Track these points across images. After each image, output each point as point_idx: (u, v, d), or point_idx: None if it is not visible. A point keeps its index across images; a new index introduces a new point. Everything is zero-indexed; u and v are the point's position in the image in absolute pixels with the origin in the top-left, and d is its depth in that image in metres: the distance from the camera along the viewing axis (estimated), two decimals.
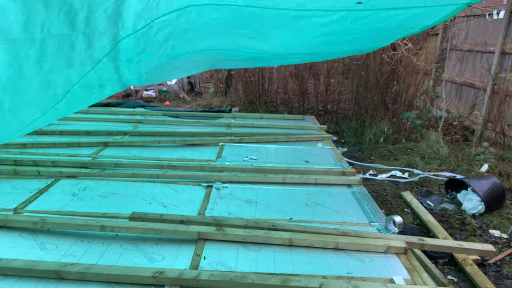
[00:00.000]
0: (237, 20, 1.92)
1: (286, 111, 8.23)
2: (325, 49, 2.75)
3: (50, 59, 1.25)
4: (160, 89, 9.41)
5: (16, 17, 1.06)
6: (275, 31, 2.11)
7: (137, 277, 2.13)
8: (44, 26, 1.15)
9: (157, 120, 5.86)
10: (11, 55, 1.11)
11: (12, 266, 2.17)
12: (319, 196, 3.41)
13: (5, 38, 1.06)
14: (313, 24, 2.11)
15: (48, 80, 1.31)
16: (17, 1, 1.03)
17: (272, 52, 2.46)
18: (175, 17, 1.60)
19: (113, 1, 1.35)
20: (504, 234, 3.49)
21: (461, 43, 7.14)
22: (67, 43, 1.30)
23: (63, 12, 1.20)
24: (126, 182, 3.54)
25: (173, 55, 1.94)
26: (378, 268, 2.39)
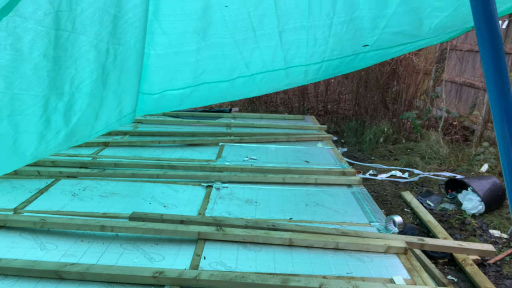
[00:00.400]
0: (249, 85, 2.04)
1: (286, 111, 8.23)
2: (333, 75, 2.85)
3: (78, 113, 1.31)
4: None
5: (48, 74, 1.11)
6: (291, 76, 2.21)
7: (137, 277, 2.13)
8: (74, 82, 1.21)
9: (157, 120, 5.86)
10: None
11: (12, 266, 2.17)
12: (319, 196, 3.41)
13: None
14: (322, 68, 2.17)
15: (73, 131, 1.36)
16: (50, 60, 1.06)
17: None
18: (189, 92, 1.83)
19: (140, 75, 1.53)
20: (504, 234, 3.49)
21: (461, 43, 7.14)
22: (98, 100, 1.37)
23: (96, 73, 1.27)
24: (126, 182, 3.54)
25: (181, 104, 2.09)
26: (378, 268, 2.39)
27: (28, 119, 1.13)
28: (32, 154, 1.24)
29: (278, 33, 1.76)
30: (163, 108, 2.07)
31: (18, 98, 1.06)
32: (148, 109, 2.00)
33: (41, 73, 1.07)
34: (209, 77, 1.90)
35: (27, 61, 1.02)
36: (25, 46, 0.99)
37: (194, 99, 2.04)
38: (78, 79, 1.23)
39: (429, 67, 7.07)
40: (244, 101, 8.53)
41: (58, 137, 1.30)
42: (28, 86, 1.07)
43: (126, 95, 1.60)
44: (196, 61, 1.76)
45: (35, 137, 1.20)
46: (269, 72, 2.03)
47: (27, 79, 1.05)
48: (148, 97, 1.89)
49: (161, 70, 1.77)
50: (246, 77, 2.00)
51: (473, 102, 6.63)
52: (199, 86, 1.92)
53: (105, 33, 1.22)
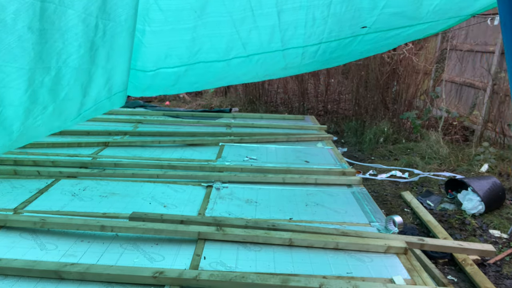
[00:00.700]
0: (245, 66, 2.02)
1: (286, 111, 8.22)
2: (330, 64, 2.83)
3: (66, 88, 1.29)
4: None
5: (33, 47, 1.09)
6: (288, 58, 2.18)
7: (137, 277, 2.13)
8: (60, 57, 1.19)
9: (157, 120, 5.86)
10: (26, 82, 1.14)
11: (12, 266, 2.17)
12: (319, 196, 3.40)
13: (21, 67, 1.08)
14: (319, 50, 2.16)
15: (61, 107, 1.34)
16: (35, 32, 1.05)
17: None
18: (184, 70, 1.79)
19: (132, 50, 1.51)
20: (504, 234, 3.49)
21: (461, 43, 7.14)
22: (86, 76, 1.35)
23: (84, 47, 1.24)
24: (126, 182, 3.54)
25: (176, 83, 2.05)
26: (378, 268, 2.39)
27: (12, 92, 1.11)
28: (19, 129, 1.22)
29: (276, 13, 1.74)
30: (157, 87, 2.04)
31: (2, 70, 1.05)
32: (142, 87, 1.97)
33: (25, 46, 1.05)
34: (205, 56, 1.87)
35: (11, 32, 1.00)
36: (8, 17, 0.98)
37: (189, 78, 2.00)
38: (65, 54, 1.21)
39: (429, 67, 7.07)
40: (244, 101, 8.53)
41: (45, 112, 1.28)
42: (12, 58, 1.05)
43: (116, 71, 1.57)
44: (192, 39, 1.74)
45: (21, 111, 1.18)
46: (266, 53, 2.01)
47: (11, 50, 1.03)
48: (142, 73, 1.86)
49: (156, 47, 1.74)
50: (242, 57, 1.98)
51: (473, 102, 6.63)
52: (194, 65, 1.89)
53: (94, 8, 1.20)
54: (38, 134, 1.35)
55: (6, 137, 1.20)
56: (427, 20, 2.18)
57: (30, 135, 1.31)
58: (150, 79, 1.91)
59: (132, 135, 5.03)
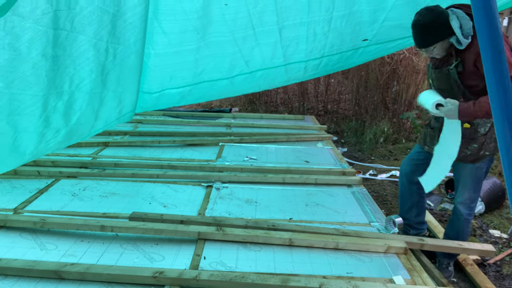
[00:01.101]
0: (248, 82, 2.04)
1: (286, 111, 8.22)
2: (332, 72, 2.86)
3: (78, 112, 1.30)
4: None
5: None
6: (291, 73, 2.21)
7: (137, 277, 2.13)
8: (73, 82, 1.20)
9: (157, 120, 5.86)
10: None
11: (12, 266, 2.17)
12: (319, 196, 3.40)
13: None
14: (321, 63, 2.18)
15: (73, 130, 1.35)
16: (48, 59, 1.06)
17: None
18: (188, 90, 1.82)
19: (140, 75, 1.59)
20: (504, 234, 3.49)
21: None
22: (97, 99, 1.36)
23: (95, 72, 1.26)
24: (126, 182, 3.54)
25: (181, 101, 2.08)
26: (378, 268, 2.39)
27: (27, 118, 1.12)
28: (31, 153, 1.24)
29: (277, 30, 1.76)
30: (162, 105, 2.07)
31: (17, 98, 1.06)
32: (147, 106, 2.00)
33: (39, 73, 1.06)
34: (209, 76, 1.90)
35: (26, 60, 1.02)
36: (23, 46, 0.99)
37: (193, 96, 2.04)
38: (77, 78, 1.22)
39: None
40: (244, 101, 8.53)
41: (58, 136, 1.29)
42: (26, 86, 1.06)
43: (126, 94, 1.60)
44: (195, 60, 1.76)
45: (35, 136, 1.20)
46: (268, 69, 2.03)
47: (25, 78, 1.04)
48: (148, 96, 1.89)
49: (161, 69, 1.77)
50: (245, 74, 2.00)
51: None
52: (198, 85, 1.93)
53: (104, 32, 1.21)
54: (46, 153, 1.37)
55: (18, 159, 1.22)
56: None
57: (40, 155, 1.32)
58: (155, 100, 1.94)
59: (132, 135, 5.03)
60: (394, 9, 1.85)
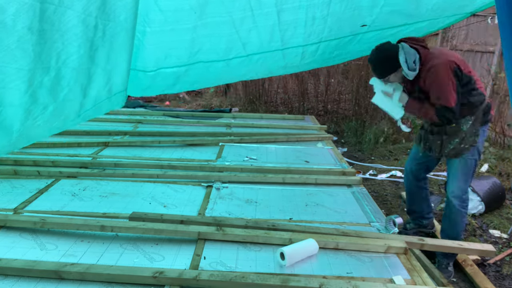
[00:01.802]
0: (245, 65, 2.02)
1: (286, 111, 8.22)
2: (330, 63, 2.86)
3: (66, 88, 1.28)
4: None
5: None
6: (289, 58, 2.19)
7: (137, 277, 2.13)
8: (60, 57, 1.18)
9: (157, 120, 5.86)
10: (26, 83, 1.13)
11: (12, 266, 2.17)
12: (319, 196, 3.40)
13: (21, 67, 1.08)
14: (319, 49, 2.16)
15: (61, 107, 1.34)
16: (35, 33, 1.05)
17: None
18: (184, 70, 1.80)
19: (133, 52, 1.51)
20: (504, 234, 3.49)
21: (461, 43, 7.14)
22: (85, 76, 1.34)
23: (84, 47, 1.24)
24: (126, 182, 3.54)
25: (176, 83, 2.05)
26: (378, 268, 2.39)
27: (12, 92, 1.10)
28: (19, 130, 1.21)
29: (276, 13, 1.74)
30: (157, 86, 2.04)
31: (2, 71, 1.04)
32: (142, 87, 1.97)
33: (25, 46, 1.05)
34: (205, 56, 1.87)
35: (11, 33, 1.00)
36: (8, 18, 0.97)
37: (189, 78, 2.01)
38: (65, 54, 1.21)
39: None
40: (244, 101, 8.53)
41: (45, 112, 1.27)
42: (12, 59, 1.04)
43: (116, 72, 1.57)
44: (192, 39, 1.74)
45: (21, 111, 1.17)
46: (266, 52, 2.01)
47: (10, 51, 1.03)
48: (143, 74, 1.86)
49: (156, 47, 1.74)
50: (242, 57, 1.98)
51: None
52: (194, 65, 1.90)
53: (94, 8, 1.20)
54: (38, 135, 1.35)
55: (5, 137, 1.19)
56: (426, 18, 2.18)
57: (30, 136, 1.30)
58: (151, 79, 1.91)
59: (132, 135, 5.03)
60: None
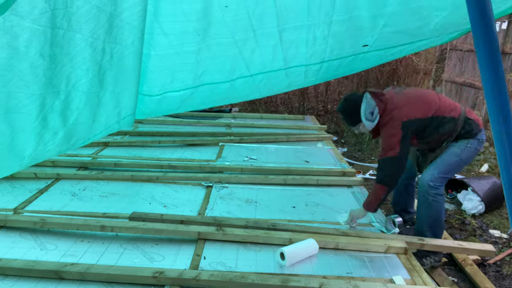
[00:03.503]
0: (249, 86, 2.03)
1: (286, 111, 8.22)
2: (334, 77, 2.89)
3: (75, 112, 1.29)
4: None
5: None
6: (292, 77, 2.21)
7: (137, 277, 2.13)
8: (70, 81, 1.19)
9: (157, 120, 5.86)
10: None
11: (12, 266, 2.17)
12: (319, 196, 3.40)
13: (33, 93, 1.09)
14: (322, 68, 2.17)
15: (71, 131, 1.35)
16: (46, 58, 1.06)
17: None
18: (189, 93, 1.82)
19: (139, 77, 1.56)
20: (504, 234, 3.49)
21: (461, 43, 7.14)
22: (95, 100, 1.35)
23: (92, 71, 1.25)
24: (126, 182, 3.54)
25: (181, 106, 2.07)
26: (378, 268, 2.39)
27: (24, 118, 1.12)
28: (30, 155, 1.23)
29: (277, 33, 1.75)
30: (163, 110, 2.06)
31: (14, 96, 1.06)
32: (148, 111, 1.99)
33: (37, 72, 1.06)
34: (210, 78, 1.89)
35: (24, 59, 1.02)
36: (21, 45, 0.99)
37: (194, 100, 2.03)
38: (74, 78, 1.22)
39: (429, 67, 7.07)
40: (244, 101, 8.53)
41: (56, 137, 1.29)
42: (24, 85, 1.06)
43: (124, 95, 1.58)
44: (196, 61, 1.76)
45: (33, 137, 1.19)
46: (269, 72, 2.02)
47: (23, 77, 1.04)
48: (148, 98, 1.88)
49: (161, 71, 1.76)
50: (246, 77, 1.99)
51: (473, 102, 6.63)
52: (199, 87, 1.92)
53: (101, 32, 1.21)
54: (46, 157, 1.36)
55: (17, 162, 1.21)
56: (427, 37, 2.19)
57: (39, 159, 1.32)
58: (156, 103, 1.93)
59: (132, 135, 5.04)
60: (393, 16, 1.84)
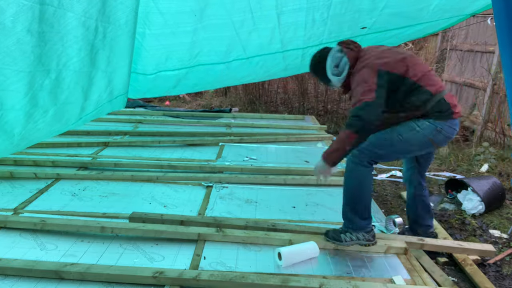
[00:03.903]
0: (245, 68, 2.02)
1: (286, 111, 8.22)
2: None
3: (66, 91, 1.27)
4: None
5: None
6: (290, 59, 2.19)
7: (137, 277, 2.13)
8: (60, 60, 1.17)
9: (157, 120, 5.86)
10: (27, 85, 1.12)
11: (12, 266, 2.17)
12: (319, 196, 3.40)
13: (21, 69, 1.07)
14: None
15: (62, 110, 1.34)
16: (34, 35, 1.04)
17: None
18: (184, 73, 1.80)
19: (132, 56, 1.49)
20: (504, 234, 3.49)
21: (461, 43, 7.14)
22: (86, 79, 1.34)
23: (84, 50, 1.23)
24: (126, 182, 3.54)
25: (177, 85, 2.05)
26: (378, 268, 2.39)
27: (13, 95, 1.09)
28: (20, 133, 1.21)
29: (276, 15, 1.73)
30: (158, 89, 2.04)
31: (2, 72, 1.03)
32: (142, 90, 1.97)
33: (25, 48, 1.04)
34: (205, 59, 1.87)
35: (10, 35, 0.99)
36: (7, 20, 0.96)
37: (189, 80, 2.01)
38: (65, 57, 1.20)
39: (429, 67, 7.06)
40: (244, 101, 8.53)
41: (46, 115, 1.27)
42: (11, 61, 1.03)
43: (117, 74, 1.56)
44: (192, 41, 1.74)
45: (22, 115, 1.17)
46: (266, 55, 2.00)
47: (10, 53, 1.02)
48: (143, 77, 1.86)
49: (157, 50, 1.74)
50: (242, 59, 1.98)
51: (473, 102, 6.63)
52: (194, 68, 1.89)
53: (94, 11, 1.19)
54: (39, 137, 1.35)
55: (7, 141, 1.19)
56: (426, 20, 2.18)
57: (31, 139, 1.30)
58: (151, 82, 1.91)
59: (132, 135, 5.03)
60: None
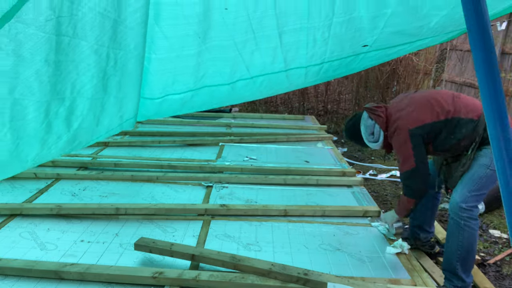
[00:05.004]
0: (249, 88, 2.03)
1: (286, 111, 8.23)
2: (334, 78, 2.89)
3: (80, 118, 1.30)
4: None
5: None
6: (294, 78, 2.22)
7: (136, 277, 2.13)
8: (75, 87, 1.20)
9: (157, 120, 5.85)
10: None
11: (12, 266, 2.18)
12: (319, 196, 3.40)
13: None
14: (322, 69, 2.18)
15: (75, 136, 1.36)
16: (51, 65, 1.06)
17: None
18: (190, 96, 1.84)
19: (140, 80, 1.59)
20: (504, 234, 3.49)
21: (461, 43, 7.14)
22: (99, 105, 1.36)
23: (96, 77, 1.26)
24: (126, 182, 3.54)
25: (182, 108, 2.09)
26: (378, 268, 2.40)
27: (29, 124, 1.12)
28: (33, 159, 1.24)
29: (277, 35, 1.76)
30: (164, 112, 2.07)
31: (20, 103, 1.06)
32: (149, 114, 1.99)
33: (42, 79, 1.07)
34: (210, 80, 1.89)
35: (29, 66, 1.02)
36: (26, 52, 0.99)
37: (195, 103, 2.04)
38: (79, 84, 1.23)
39: (429, 67, 7.07)
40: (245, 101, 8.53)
41: (59, 142, 1.29)
42: (29, 92, 1.06)
43: (127, 100, 1.59)
44: (197, 64, 1.76)
45: (37, 142, 1.20)
46: (269, 74, 2.02)
47: (28, 84, 1.05)
48: (150, 101, 1.88)
49: (162, 74, 1.76)
50: (247, 79, 2.00)
51: None
52: (200, 90, 1.92)
53: (106, 38, 1.22)
54: (48, 159, 1.37)
55: (19, 165, 1.22)
56: (426, 36, 2.19)
57: (42, 161, 1.33)
58: (158, 106, 1.94)
59: (132, 135, 5.04)
60: (393, 16, 1.84)
